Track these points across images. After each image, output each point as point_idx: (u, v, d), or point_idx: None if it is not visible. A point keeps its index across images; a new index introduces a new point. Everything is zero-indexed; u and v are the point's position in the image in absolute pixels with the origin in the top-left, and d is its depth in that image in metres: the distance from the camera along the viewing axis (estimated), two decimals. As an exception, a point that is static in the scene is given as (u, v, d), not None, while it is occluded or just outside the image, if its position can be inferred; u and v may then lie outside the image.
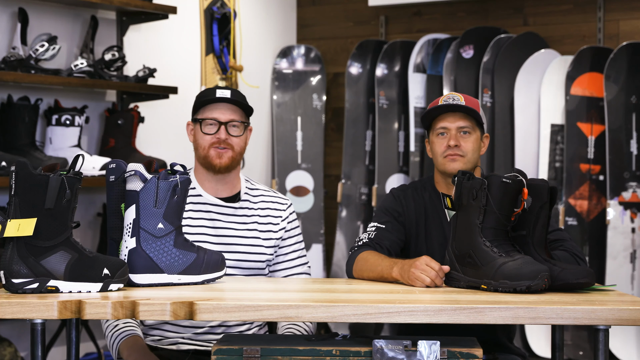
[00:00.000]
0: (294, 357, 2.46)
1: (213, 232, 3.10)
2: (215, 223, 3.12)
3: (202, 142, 3.12)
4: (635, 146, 5.02)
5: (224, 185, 3.15)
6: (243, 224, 3.15)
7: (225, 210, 3.14)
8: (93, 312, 2.37)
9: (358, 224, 5.62)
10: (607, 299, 2.51)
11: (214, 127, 3.10)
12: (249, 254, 3.12)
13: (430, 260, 2.76)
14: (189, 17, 5.10)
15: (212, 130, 3.10)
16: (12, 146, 3.97)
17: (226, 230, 3.12)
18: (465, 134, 3.06)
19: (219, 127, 3.10)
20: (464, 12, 5.60)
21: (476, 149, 3.07)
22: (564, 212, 5.07)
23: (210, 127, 3.10)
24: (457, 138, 3.05)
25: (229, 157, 3.11)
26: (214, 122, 3.10)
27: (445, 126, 3.07)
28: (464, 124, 3.06)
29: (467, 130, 3.06)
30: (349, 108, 5.67)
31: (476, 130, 3.08)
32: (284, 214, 3.22)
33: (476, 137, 3.07)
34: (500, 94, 5.30)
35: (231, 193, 3.17)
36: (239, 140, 3.13)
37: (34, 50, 3.98)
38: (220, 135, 3.09)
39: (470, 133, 3.06)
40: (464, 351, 2.43)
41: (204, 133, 3.10)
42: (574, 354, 5.00)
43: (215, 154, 3.10)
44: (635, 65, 5.03)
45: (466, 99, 3.07)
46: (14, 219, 2.48)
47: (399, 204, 3.14)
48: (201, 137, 3.12)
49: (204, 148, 3.11)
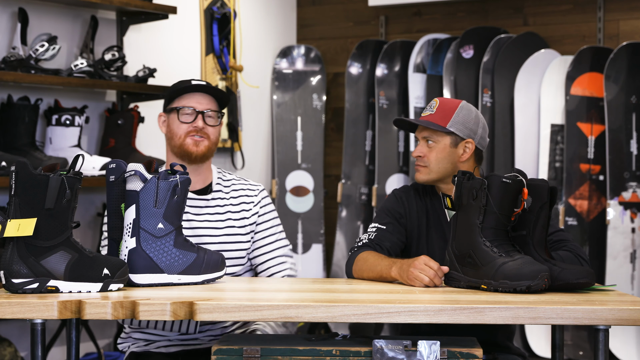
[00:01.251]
0: (294, 357, 2.46)
1: (187, 225, 3.06)
2: (188, 216, 3.09)
3: (177, 130, 3.09)
4: (635, 146, 5.02)
5: (196, 177, 3.13)
6: (216, 214, 3.13)
7: (197, 202, 3.12)
8: (93, 312, 2.37)
9: (358, 224, 5.62)
10: (607, 299, 2.51)
11: (191, 115, 3.09)
12: (226, 243, 3.10)
13: (429, 260, 2.76)
14: (189, 17, 5.10)
15: (189, 119, 3.09)
16: (12, 146, 3.97)
17: (200, 223, 3.10)
18: (430, 143, 3.08)
19: (196, 116, 3.09)
20: (464, 12, 5.60)
21: (442, 159, 3.06)
22: (564, 212, 5.07)
23: (187, 116, 3.09)
24: (420, 148, 3.09)
25: (205, 146, 3.09)
26: (191, 110, 3.09)
27: (416, 135, 3.15)
28: (426, 134, 3.09)
29: (430, 139, 3.08)
30: (349, 108, 5.67)
31: (442, 138, 3.06)
32: (255, 199, 3.19)
33: (442, 147, 3.06)
34: (500, 94, 5.30)
35: (203, 185, 3.16)
36: (215, 130, 3.12)
37: (34, 50, 3.98)
38: (198, 124, 3.08)
39: (435, 142, 3.07)
40: (464, 351, 2.43)
41: (181, 122, 3.09)
42: (574, 354, 5.00)
43: (192, 142, 3.09)
44: (635, 65, 5.03)
45: (440, 106, 3.08)
46: (14, 219, 2.48)
47: (400, 206, 3.14)
48: (177, 125, 3.10)
49: (179, 137, 3.09)
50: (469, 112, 3.09)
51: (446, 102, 3.10)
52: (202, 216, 3.11)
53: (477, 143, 3.09)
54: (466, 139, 3.08)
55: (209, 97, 3.13)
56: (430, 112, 3.08)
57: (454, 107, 3.08)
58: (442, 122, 3.05)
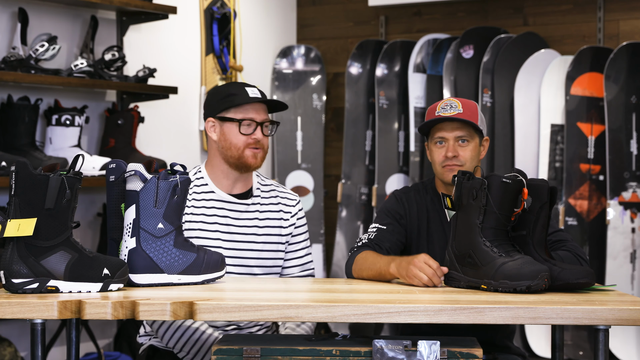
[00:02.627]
0: (294, 357, 2.46)
1: (226, 230, 3.10)
2: (228, 220, 3.12)
3: (236, 141, 3.09)
4: (635, 146, 5.02)
5: (241, 183, 3.16)
6: (256, 220, 3.15)
7: (238, 207, 3.13)
8: (93, 312, 2.37)
9: (358, 224, 5.62)
10: (607, 299, 2.51)
11: (251, 127, 3.10)
12: (265, 251, 3.14)
13: (429, 259, 2.76)
14: (189, 17, 5.10)
15: (249, 131, 3.09)
16: (12, 146, 3.97)
17: (239, 229, 3.12)
18: (463, 143, 3.05)
19: (255, 127, 3.10)
20: (464, 12, 5.60)
21: (475, 156, 3.06)
22: (564, 212, 5.07)
23: (248, 128, 3.09)
24: (454, 148, 3.04)
25: (261, 157, 3.12)
26: (251, 122, 3.09)
27: (443, 136, 3.06)
28: (461, 133, 3.05)
29: (465, 138, 3.05)
30: (349, 108, 5.67)
31: (474, 137, 3.06)
32: (293, 210, 3.22)
33: (474, 145, 3.06)
34: (500, 94, 5.30)
35: (244, 189, 3.17)
36: (267, 140, 3.14)
37: (34, 50, 3.98)
38: (257, 136, 3.09)
39: (468, 141, 3.05)
40: (464, 351, 2.43)
41: (242, 134, 3.09)
42: (574, 354, 5.00)
43: (251, 154, 3.10)
44: (635, 65, 5.03)
45: (464, 105, 3.04)
46: (14, 219, 2.48)
47: (401, 206, 3.14)
48: (236, 136, 3.09)
49: (238, 148, 3.09)
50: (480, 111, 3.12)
51: (466, 101, 3.07)
52: (242, 221, 3.13)
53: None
54: (485, 137, 3.11)
55: (264, 106, 3.14)
56: (457, 112, 3.02)
57: (476, 106, 3.08)
58: (474, 120, 3.04)
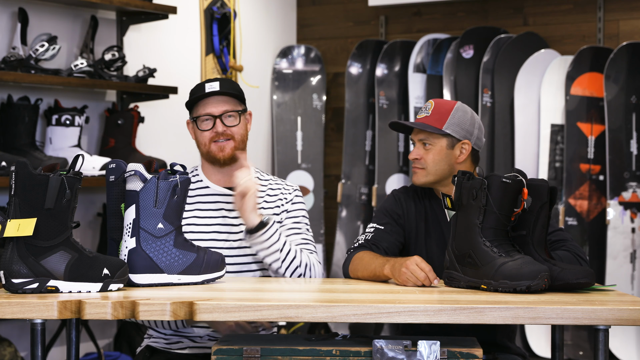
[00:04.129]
0: (294, 357, 2.46)
1: (221, 222, 3.10)
2: (223, 212, 3.12)
3: (201, 139, 3.13)
4: (635, 146, 5.02)
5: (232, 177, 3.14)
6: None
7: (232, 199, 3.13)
8: (93, 312, 2.37)
9: (358, 224, 5.62)
10: (607, 299, 2.51)
11: (210, 122, 3.11)
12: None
13: (421, 261, 2.77)
14: (189, 17, 5.10)
15: (208, 126, 3.11)
16: (12, 146, 3.97)
17: (233, 219, 3.11)
18: (426, 146, 3.07)
19: (215, 121, 3.11)
20: (464, 12, 5.60)
21: (439, 160, 3.06)
22: (564, 212, 5.07)
23: (206, 123, 3.12)
24: (418, 151, 3.08)
25: (231, 147, 3.12)
26: (208, 117, 3.11)
27: (412, 138, 3.14)
28: (422, 136, 3.08)
29: (426, 142, 3.07)
30: (349, 108, 5.67)
31: (439, 140, 3.06)
32: (288, 197, 3.21)
33: (439, 149, 3.06)
34: (500, 94, 5.30)
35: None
36: (238, 128, 3.13)
37: (34, 50, 3.98)
38: (217, 129, 3.10)
39: (431, 144, 3.07)
40: (464, 351, 2.43)
41: (201, 130, 3.12)
42: (574, 354, 5.00)
43: (217, 148, 3.11)
44: (635, 65, 5.03)
45: (436, 108, 3.07)
46: (14, 219, 2.48)
47: (399, 206, 3.14)
48: (200, 134, 3.13)
49: (204, 144, 3.13)
50: (465, 113, 3.09)
51: (441, 104, 3.09)
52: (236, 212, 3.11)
53: (474, 144, 3.09)
54: (462, 140, 3.08)
55: (225, 97, 3.14)
56: (425, 115, 3.07)
57: (450, 109, 3.07)
58: (438, 124, 3.05)
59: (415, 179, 3.10)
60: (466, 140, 3.08)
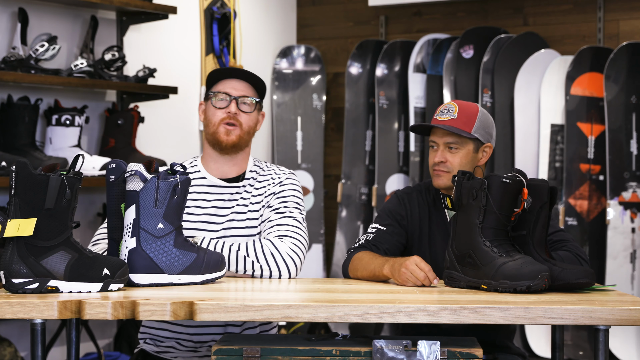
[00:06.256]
0: (294, 357, 2.46)
1: (214, 212, 3.08)
2: (218, 203, 3.10)
3: (212, 117, 3.09)
4: (635, 146, 5.02)
5: (230, 167, 3.13)
6: (243, 200, 3.11)
7: (228, 190, 3.11)
8: (93, 312, 2.37)
9: (358, 224, 5.62)
10: (607, 299, 2.51)
11: (225, 101, 3.08)
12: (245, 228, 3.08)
13: (421, 261, 2.77)
14: (189, 17, 5.10)
15: (222, 105, 3.08)
16: (12, 146, 3.97)
17: (227, 209, 3.09)
18: (452, 149, 3.04)
19: (230, 102, 3.08)
20: (464, 12, 5.60)
21: (465, 164, 3.03)
22: (564, 212, 5.07)
23: (222, 102, 3.08)
24: (443, 154, 3.03)
25: (236, 134, 3.08)
26: (225, 95, 3.08)
27: (435, 140, 3.07)
28: (451, 139, 3.03)
29: (454, 146, 3.03)
30: (349, 108, 5.67)
31: (467, 144, 3.03)
32: (277, 180, 3.14)
33: (466, 152, 3.04)
34: (500, 94, 5.30)
35: (236, 174, 3.14)
36: (249, 118, 3.10)
37: (34, 50, 3.98)
38: (231, 109, 3.07)
39: (458, 148, 3.03)
40: (464, 351, 2.43)
41: (215, 107, 3.08)
42: (574, 354, 5.00)
43: (224, 131, 3.07)
44: (635, 65, 5.03)
45: (461, 110, 3.02)
46: (14, 219, 2.48)
47: (403, 207, 3.13)
48: (212, 112, 3.09)
49: (214, 124, 3.08)
50: (487, 116, 3.07)
51: (465, 107, 3.05)
52: (230, 202, 3.10)
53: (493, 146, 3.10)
54: (486, 143, 3.07)
55: (246, 84, 3.12)
56: (451, 117, 3.01)
57: (475, 112, 3.04)
58: (466, 128, 3.01)
59: (439, 182, 3.05)
60: (488, 143, 3.07)
